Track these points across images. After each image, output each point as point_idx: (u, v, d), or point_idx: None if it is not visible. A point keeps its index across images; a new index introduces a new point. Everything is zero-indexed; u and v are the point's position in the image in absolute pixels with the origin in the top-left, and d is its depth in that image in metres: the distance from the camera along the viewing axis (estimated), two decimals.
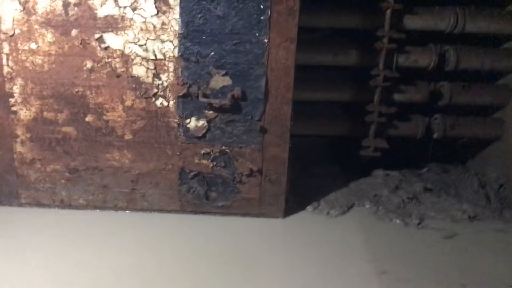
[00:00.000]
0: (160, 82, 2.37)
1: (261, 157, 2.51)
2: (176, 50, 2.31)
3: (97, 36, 2.30)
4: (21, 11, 2.25)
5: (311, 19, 2.79)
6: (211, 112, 2.42)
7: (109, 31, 2.29)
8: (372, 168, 3.13)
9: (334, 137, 3.23)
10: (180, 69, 2.34)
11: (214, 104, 2.37)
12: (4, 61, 2.33)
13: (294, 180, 2.77)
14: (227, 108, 2.39)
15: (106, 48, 2.32)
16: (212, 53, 2.31)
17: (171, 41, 2.30)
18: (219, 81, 2.36)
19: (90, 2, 2.24)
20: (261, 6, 2.21)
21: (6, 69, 2.35)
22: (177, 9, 2.24)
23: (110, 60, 2.34)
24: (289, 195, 2.70)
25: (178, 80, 2.36)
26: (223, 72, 2.33)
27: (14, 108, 2.42)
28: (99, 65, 2.35)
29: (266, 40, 2.28)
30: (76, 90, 2.39)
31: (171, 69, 2.35)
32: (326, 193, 2.90)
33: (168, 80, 2.37)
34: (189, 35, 2.28)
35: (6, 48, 2.31)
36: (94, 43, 2.31)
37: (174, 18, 2.26)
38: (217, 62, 2.32)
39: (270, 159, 2.52)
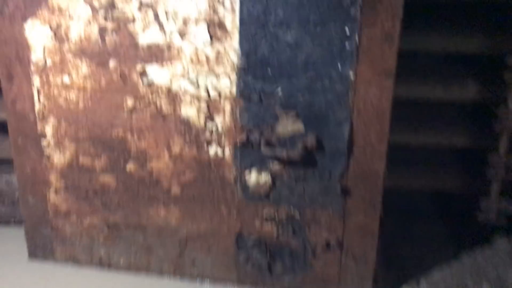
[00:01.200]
0: (214, 125, 1.87)
1: (342, 226, 1.90)
2: (234, 87, 1.80)
3: (139, 68, 1.85)
4: (52, 38, 1.87)
5: (414, 40, 2.13)
6: (276, 165, 1.86)
7: (153, 63, 1.83)
8: (494, 236, 2.37)
9: (440, 190, 2.51)
10: (238, 111, 1.82)
11: (280, 155, 1.81)
12: (36, 97, 1.97)
13: (385, 246, 2.12)
14: (297, 161, 1.82)
15: (149, 83, 1.86)
16: (280, 90, 1.76)
17: (228, 76, 1.79)
18: (288, 126, 1.80)
19: (130, 28, 1.80)
20: (346, 30, 1.62)
21: (37, 106, 1.99)
22: (236, 35, 1.72)
23: (154, 97, 1.88)
24: (379, 270, 2.05)
25: (235, 124, 1.84)
26: (293, 114, 1.78)
27: (47, 152, 2.05)
28: (141, 103, 1.90)
29: (351, 74, 1.68)
30: (115, 132, 1.96)
31: (227, 110, 1.84)
32: (429, 268, 2.21)
33: (224, 123, 1.85)
34: (250, 67, 1.76)
35: (37, 81, 1.95)
36: (135, 77, 1.87)
37: (232, 46, 1.74)
38: (285, 102, 1.77)
39: (354, 229, 1.90)
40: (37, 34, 1.88)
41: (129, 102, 1.91)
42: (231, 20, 1.70)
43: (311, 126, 1.78)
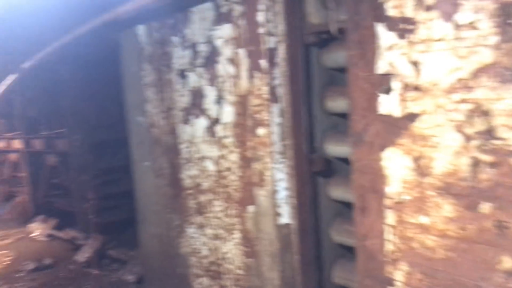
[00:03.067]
0: None
1: None
2: None
3: None
4: (411, 170, 1.57)
5: None
6: None
7: None
8: None
9: None
10: None
11: None
12: (387, 235, 1.68)
13: None
14: None
15: None
16: None
17: None
18: None
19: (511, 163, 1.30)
20: None
21: (388, 246, 1.68)
22: None
23: None
24: None
25: None
26: None
27: None
28: None
29: None
30: None
31: None
32: None
33: None
34: None
35: (390, 218, 1.66)
36: None
37: None
38: None
39: None
40: (394, 165, 1.61)
41: (506, 262, 1.36)
42: None
43: None
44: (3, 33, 4.17)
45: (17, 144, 6.43)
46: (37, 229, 5.46)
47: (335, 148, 2.14)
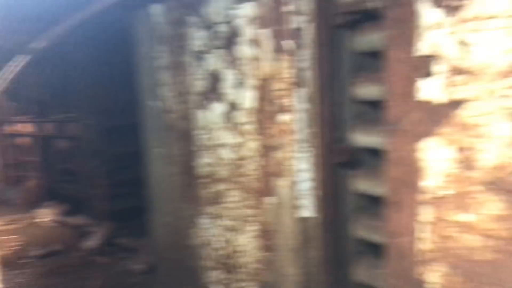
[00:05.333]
0: None
1: None
2: None
3: None
4: (454, 162, 1.42)
5: None
6: None
7: None
8: None
9: None
10: None
11: None
12: (423, 233, 1.54)
13: None
14: None
15: None
16: None
17: None
18: None
19: None
20: None
21: (422, 245, 1.54)
22: None
23: None
24: None
25: None
26: None
27: None
28: None
29: None
30: None
31: None
32: None
33: None
34: None
35: (428, 214, 1.52)
36: None
37: None
38: None
39: None
40: (435, 156, 1.47)
41: None
42: None
43: None
44: (12, 13, 4.05)
45: (27, 128, 6.35)
46: (47, 215, 5.39)
47: (363, 138, 1.99)
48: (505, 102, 1.29)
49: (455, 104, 1.40)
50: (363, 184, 2.03)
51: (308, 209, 2.00)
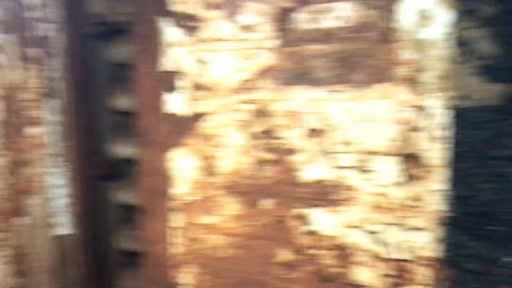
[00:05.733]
0: None
1: None
2: (437, 247, 1.21)
3: (297, 211, 1.40)
4: (199, 170, 1.55)
5: None
6: None
7: (318, 206, 1.36)
8: None
9: None
10: (445, 285, 1.22)
11: None
12: (174, 239, 1.63)
13: None
14: None
15: (311, 232, 1.39)
16: None
17: (427, 230, 1.22)
18: None
19: (289, 160, 1.38)
20: None
21: (174, 250, 1.63)
22: (442, 173, 1.18)
23: (316, 252, 1.38)
24: None
25: None
26: None
27: None
28: (299, 258, 1.41)
29: None
30: None
31: (424, 280, 1.24)
32: None
33: None
34: (464, 221, 1.17)
35: (178, 220, 1.61)
36: (292, 223, 1.41)
37: (434, 189, 1.19)
38: None
39: None
40: (182, 165, 1.57)
41: (282, 255, 1.44)
42: (436, 153, 1.18)
43: None
44: None
45: None
46: None
47: (122, 150, 1.99)
48: (237, 115, 1.47)
49: (197, 116, 1.53)
50: (123, 196, 2.04)
51: (64, 226, 1.91)
